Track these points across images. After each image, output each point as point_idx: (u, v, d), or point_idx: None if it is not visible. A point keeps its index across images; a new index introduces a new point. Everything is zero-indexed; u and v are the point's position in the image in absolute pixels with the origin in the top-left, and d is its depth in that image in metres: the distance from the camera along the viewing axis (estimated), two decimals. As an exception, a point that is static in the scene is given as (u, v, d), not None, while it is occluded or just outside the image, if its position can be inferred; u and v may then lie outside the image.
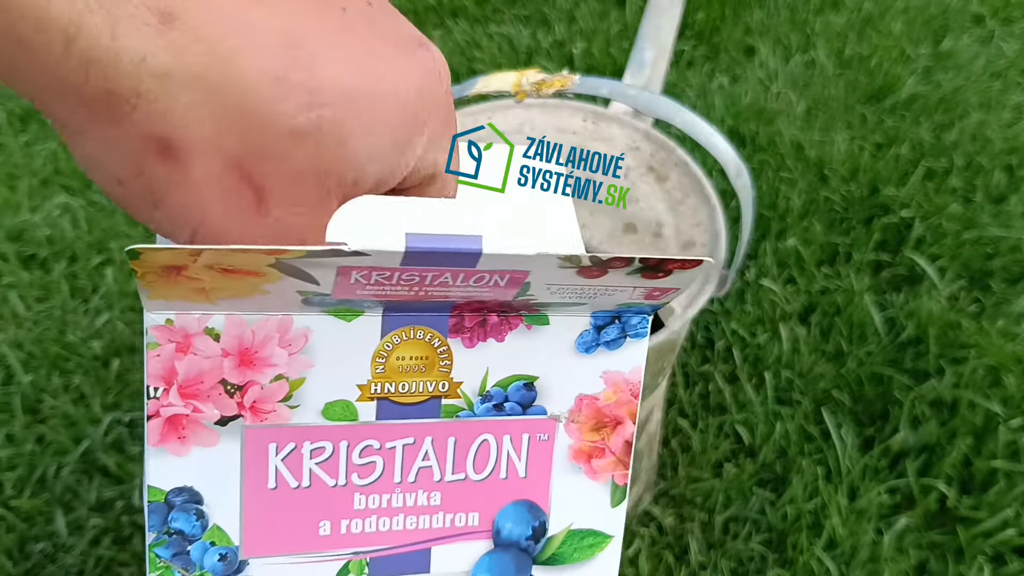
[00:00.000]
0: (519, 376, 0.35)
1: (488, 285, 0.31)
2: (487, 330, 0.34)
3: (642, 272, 0.31)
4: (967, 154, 1.24)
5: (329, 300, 0.31)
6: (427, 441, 0.34)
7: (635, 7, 1.51)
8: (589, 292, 0.32)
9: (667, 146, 0.74)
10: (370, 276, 0.30)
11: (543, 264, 0.30)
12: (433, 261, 0.29)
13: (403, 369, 0.33)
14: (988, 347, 0.99)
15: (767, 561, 0.86)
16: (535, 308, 0.33)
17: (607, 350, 0.35)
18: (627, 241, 0.67)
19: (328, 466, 0.33)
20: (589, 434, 0.36)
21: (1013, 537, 0.85)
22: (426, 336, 0.33)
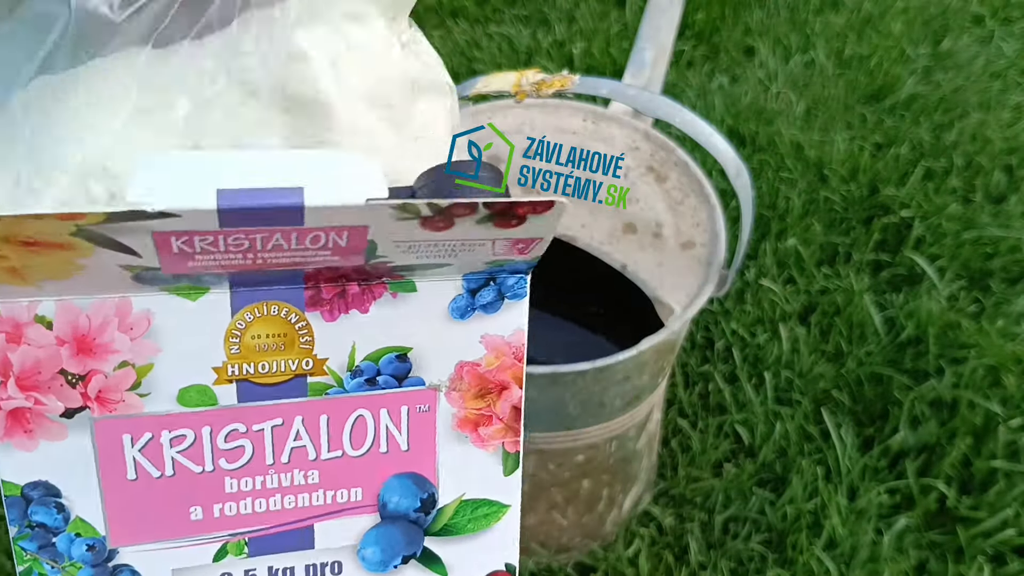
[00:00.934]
0: (390, 348, 0.33)
1: (328, 247, 0.29)
2: (348, 301, 0.32)
3: (492, 220, 0.29)
4: (967, 154, 1.24)
5: (163, 276, 0.29)
6: (297, 421, 0.32)
7: (635, 7, 1.51)
8: (447, 249, 0.30)
9: (667, 146, 0.74)
10: (193, 243, 0.28)
11: (378, 216, 0.28)
12: (253, 220, 0.27)
13: (260, 348, 0.31)
14: (988, 347, 0.99)
15: (767, 561, 0.86)
16: (398, 274, 0.31)
17: (484, 314, 0.33)
18: (627, 241, 0.67)
19: (192, 454, 0.32)
20: (473, 401, 0.34)
21: (1013, 537, 0.85)
22: (281, 311, 0.31)
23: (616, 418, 0.71)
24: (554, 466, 0.74)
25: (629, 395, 0.69)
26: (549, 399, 0.65)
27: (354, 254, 0.30)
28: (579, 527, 0.83)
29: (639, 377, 0.67)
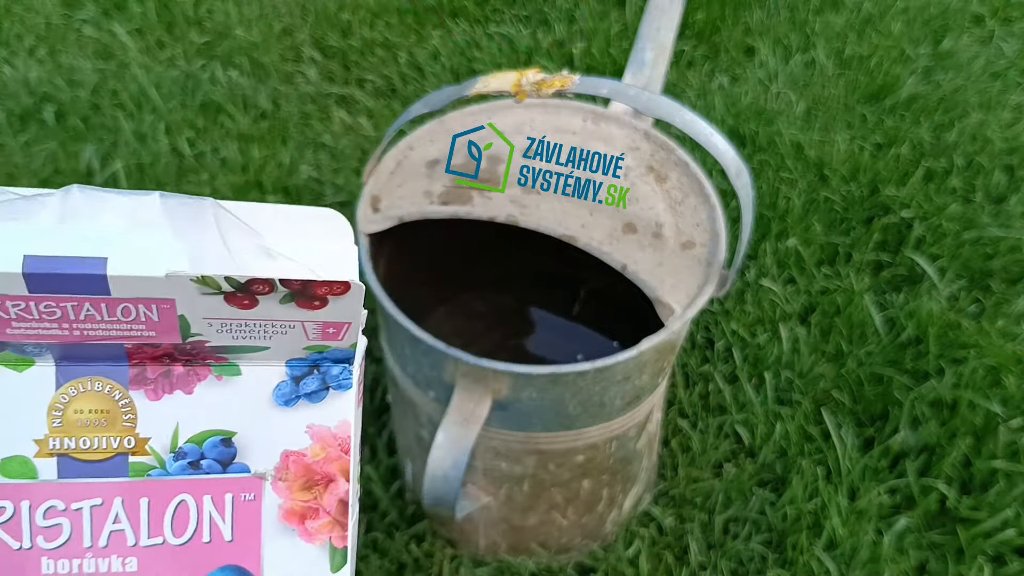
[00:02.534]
0: (214, 431, 0.33)
1: (141, 320, 0.29)
2: (172, 382, 0.32)
3: (294, 299, 0.30)
4: (967, 154, 1.24)
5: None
6: (117, 502, 0.32)
7: (635, 7, 1.51)
8: (259, 330, 0.31)
9: (667, 146, 0.74)
10: (6, 307, 0.28)
11: (182, 289, 0.28)
12: (60, 286, 0.28)
13: (83, 423, 0.32)
14: (988, 347, 0.99)
15: (767, 561, 0.85)
16: (220, 356, 0.32)
17: (309, 403, 0.33)
18: (627, 240, 0.67)
19: (10, 527, 0.31)
20: (300, 493, 0.34)
21: (1013, 537, 0.85)
22: (105, 388, 0.32)
23: (616, 418, 0.71)
24: (554, 466, 0.73)
25: (629, 395, 0.69)
26: (549, 399, 0.65)
27: (168, 330, 0.30)
28: (579, 527, 0.83)
29: (639, 377, 0.67)
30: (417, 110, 0.65)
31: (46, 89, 1.36)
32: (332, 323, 0.31)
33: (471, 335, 0.85)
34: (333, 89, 1.38)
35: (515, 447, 0.71)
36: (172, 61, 1.43)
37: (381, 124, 1.32)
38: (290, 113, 1.34)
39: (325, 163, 1.26)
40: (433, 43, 1.44)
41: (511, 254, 0.83)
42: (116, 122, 1.31)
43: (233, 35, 1.46)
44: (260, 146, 1.28)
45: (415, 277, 0.82)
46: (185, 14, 1.50)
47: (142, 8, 1.51)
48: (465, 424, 0.62)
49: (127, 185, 1.21)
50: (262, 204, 0.31)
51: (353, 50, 1.44)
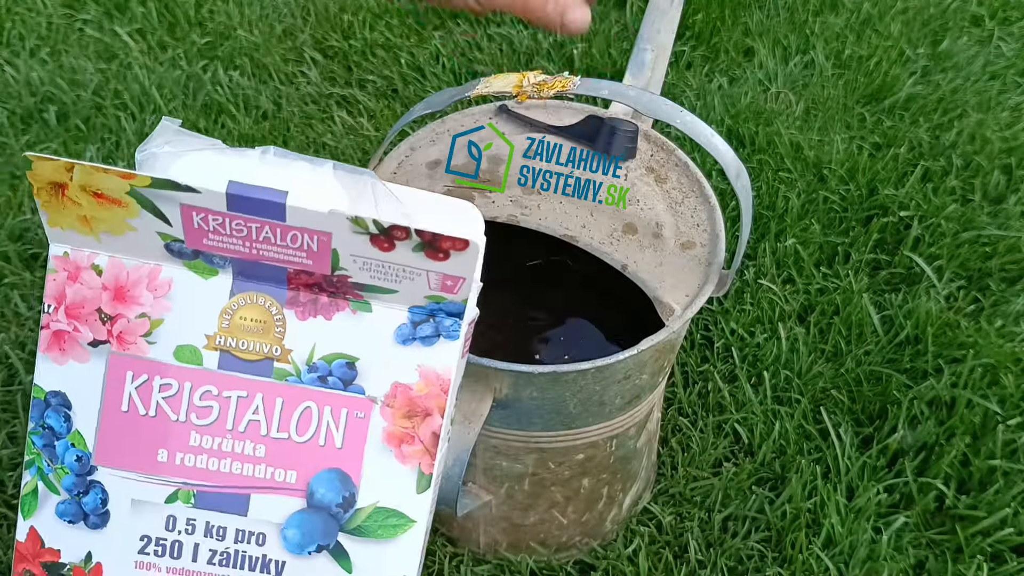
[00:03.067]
0: (342, 355, 0.38)
1: (303, 249, 0.36)
2: (318, 308, 0.38)
3: (424, 249, 0.36)
4: (965, 154, 1.25)
5: (186, 251, 0.37)
6: (258, 397, 0.38)
7: (635, 8, 1.51)
8: (392, 273, 0.37)
9: (667, 147, 0.74)
10: (207, 220, 0.36)
11: (338, 225, 0.35)
12: (250, 207, 0.35)
13: (245, 328, 0.38)
14: (986, 347, 0.99)
15: (766, 559, 0.86)
16: (358, 293, 0.38)
17: (422, 345, 0.39)
18: (627, 241, 0.67)
19: (173, 402, 0.38)
20: (401, 420, 0.39)
21: (1011, 536, 0.85)
22: (266, 303, 0.38)
23: (616, 417, 0.71)
24: (554, 465, 0.74)
25: (629, 394, 0.69)
26: (550, 398, 0.65)
27: (322, 261, 0.37)
28: (579, 525, 0.83)
29: (639, 376, 0.68)
30: (418, 111, 0.65)
31: (48, 90, 1.36)
32: (451, 276, 0.37)
33: (471, 335, 0.86)
34: (334, 90, 1.39)
35: (515, 446, 0.71)
36: (174, 62, 1.43)
37: (382, 125, 1.32)
38: (291, 114, 1.34)
39: (326, 163, 1.26)
40: (434, 43, 1.45)
41: (511, 254, 0.83)
42: (118, 123, 1.31)
43: (235, 36, 1.46)
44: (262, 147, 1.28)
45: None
46: (187, 15, 1.51)
47: (144, 9, 1.52)
48: (466, 423, 0.62)
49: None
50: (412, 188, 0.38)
51: (354, 51, 1.45)
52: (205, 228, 0.36)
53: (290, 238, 0.36)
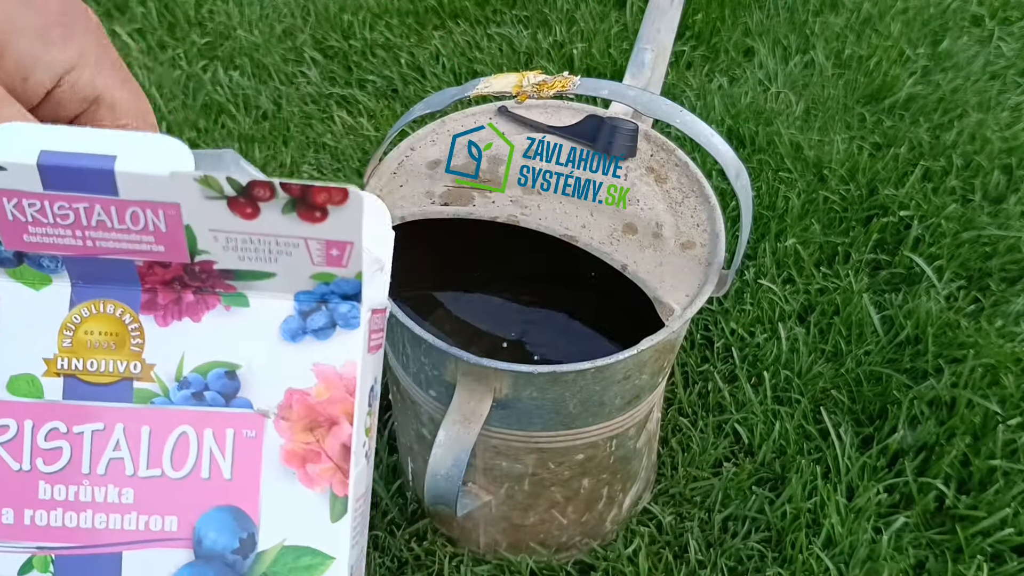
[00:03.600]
0: (220, 363, 0.32)
1: (149, 231, 0.29)
2: (182, 309, 0.31)
3: (295, 208, 0.29)
4: (965, 154, 1.25)
5: (7, 254, 0.30)
6: (118, 428, 0.31)
7: (635, 8, 1.51)
8: (264, 249, 0.30)
9: (667, 147, 0.74)
10: (23, 207, 0.29)
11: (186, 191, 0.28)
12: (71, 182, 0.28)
13: (92, 345, 0.31)
14: (986, 347, 0.99)
15: (766, 560, 0.86)
16: (229, 285, 0.31)
17: (316, 339, 0.32)
18: (627, 241, 0.67)
19: (12, 447, 0.31)
20: (302, 434, 0.32)
21: (1012, 536, 0.85)
22: (116, 311, 0.31)
23: (616, 417, 0.71)
24: (554, 465, 0.74)
25: (629, 394, 0.69)
26: (550, 398, 0.65)
27: (176, 244, 0.30)
28: (579, 526, 0.83)
29: (639, 376, 0.68)
30: (418, 111, 0.65)
31: (48, 90, 1.36)
32: (334, 242, 0.30)
33: (471, 334, 0.86)
34: (334, 90, 1.39)
35: (515, 446, 0.71)
36: (174, 62, 1.43)
37: (382, 125, 1.32)
38: (291, 114, 1.34)
39: (326, 164, 1.27)
40: (434, 44, 1.45)
41: (511, 254, 0.83)
42: (118, 123, 1.31)
43: (235, 36, 1.46)
44: (261, 147, 1.28)
45: (416, 277, 0.83)
46: (187, 15, 1.51)
47: (144, 9, 1.52)
48: (466, 423, 0.62)
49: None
50: None
51: (354, 51, 1.45)
52: (22, 219, 0.29)
53: (129, 217, 0.29)
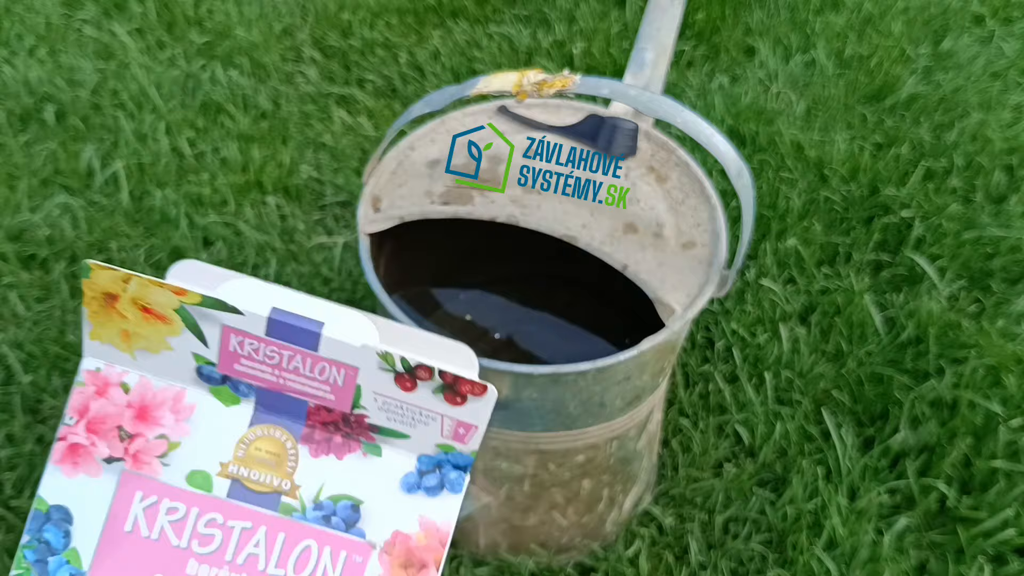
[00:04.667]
0: (349, 496, 0.39)
1: (329, 383, 0.38)
2: (331, 446, 0.39)
3: (444, 392, 0.37)
4: (967, 154, 1.24)
5: (215, 375, 0.38)
6: (262, 530, 0.38)
7: (635, 7, 1.51)
8: (410, 416, 0.38)
9: (668, 146, 0.74)
10: (244, 344, 0.37)
11: (367, 360, 0.36)
12: (286, 334, 0.37)
13: (258, 459, 0.39)
14: (988, 347, 0.99)
15: (767, 561, 0.86)
16: (372, 435, 0.39)
17: (426, 495, 0.39)
18: (627, 241, 0.67)
19: (177, 526, 0.38)
20: (398, 569, 0.39)
21: (1013, 537, 0.85)
22: (282, 436, 0.39)
23: (617, 418, 0.71)
24: (554, 466, 0.74)
25: (630, 395, 0.69)
26: (550, 399, 0.65)
27: (345, 397, 0.38)
28: (579, 527, 0.83)
29: (640, 377, 0.67)
30: (418, 110, 0.65)
31: (46, 89, 1.36)
32: (464, 423, 0.38)
33: (471, 335, 0.85)
34: (333, 89, 1.38)
35: (516, 447, 0.71)
36: (172, 61, 1.43)
37: (381, 124, 1.32)
38: (290, 113, 1.34)
39: (325, 163, 1.26)
40: (434, 43, 1.45)
41: (511, 254, 0.83)
42: (116, 122, 1.31)
43: (233, 35, 1.46)
44: (260, 146, 1.28)
45: (416, 277, 0.82)
46: (185, 14, 1.51)
47: (142, 8, 1.51)
48: (466, 424, 0.62)
49: (128, 184, 1.21)
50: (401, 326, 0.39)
51: (353, 50, 1.44)
52: (240, 353, 0.38)
53: (319, 370, 0.37)
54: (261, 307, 0.37)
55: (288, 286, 1.08)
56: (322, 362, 0.37)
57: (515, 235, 0.71)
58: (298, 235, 1.16)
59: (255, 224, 1.17)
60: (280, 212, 1.19)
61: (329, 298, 1.12)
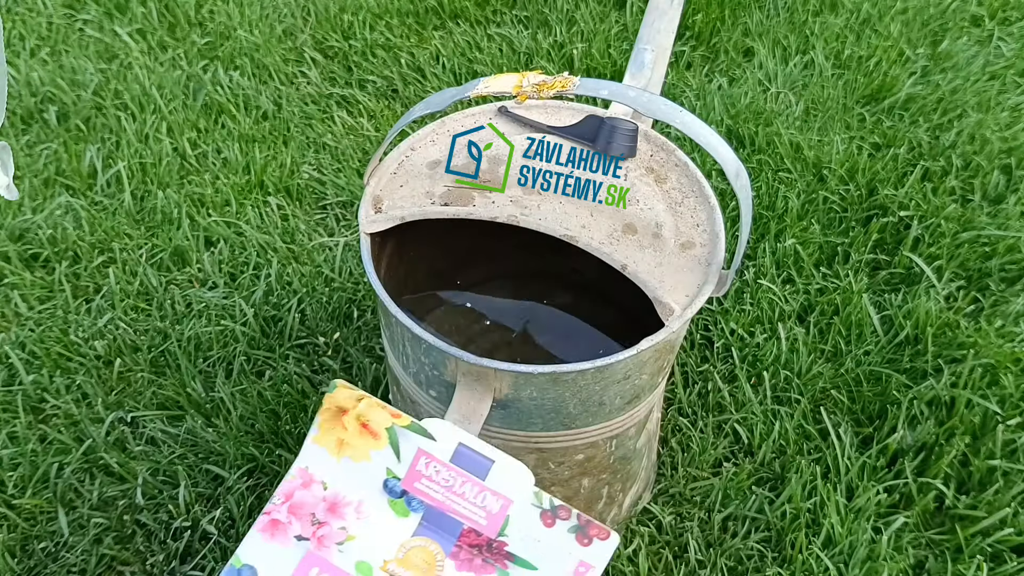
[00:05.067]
0: None
1: (485, 508, 0.46)
2: (471, 565, 0.46)
3: (576, 532, 0.45)
4: (965, 155, 1.25)
5: (398, 489, 0.47)
6: None
7: (635, 9, 1.51)
8: (543, 550, 0.46)
9: (667, 147, 0.74)
10: (429, 466, 0.47)
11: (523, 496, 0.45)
12: (464, 463, 0.47)
13: (413, 563, 0.46)
14: (986, 347, 0.99)
15: (765, 559, 0.86)
16: (506, 563, 0.46)
17: None
18: (627, 241, 0.67)
19: None
20: None
21: (1011, 536, 0.85)
22: (434, 549, 0.47)
23: (616, 417, 0.71)
24: (554, 465, 0.74)
25: (629, 394, 0.69)
26: (549, 398, 0.65)
27: (495, 523, 0.46)
28: (579, 525, 0.83)
29: (639, 376, 0.68)
30: (419, 111, 0.66)
31: (48, 90, 1.36)
32: (586, 563, 0.45)
33: (471, 335, 0.86)
34: (335, 90, 1.39)
35: (515, 445, 0.71)
36: (174, 62, 1.43)
37: (382, 125, 1.32)
38: (292, 114, 1.34)
39: (327, 164, 1.27)
40: (434, 44, 1.45)
41: (512, 254, 0.83)
42: (119, 123, 1.31)
43: (235, 36, 1.47)
44: (262, 147, 1.28)
45: (416, 276, 0.83)
46: (187, 15, 1.51)
47: (144, 9, 1.52)
48: (466, 423, 0.62)
49: (130, 185, 1.22)
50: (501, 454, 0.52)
51: (354, 51, 1.45)
52: (423, 473, 0.47)
53: (482, 497, 0.46)
54: (452, 440, 0.47)
55: (290, 286, 1.08)
56: (486, 490, 0.46)
57: (515, 235, 0.71)
58: (300, 235, 1.17)
59: (257, 224, 1.17)
60: (282, 212, 1.20)
61: (330, 298, 1.12)
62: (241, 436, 0.94)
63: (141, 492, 0.90)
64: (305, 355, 1.02)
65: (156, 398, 0.98)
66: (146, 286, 1.10)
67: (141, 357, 1.02)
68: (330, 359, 1.01)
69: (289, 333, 1.04)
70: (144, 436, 0.95)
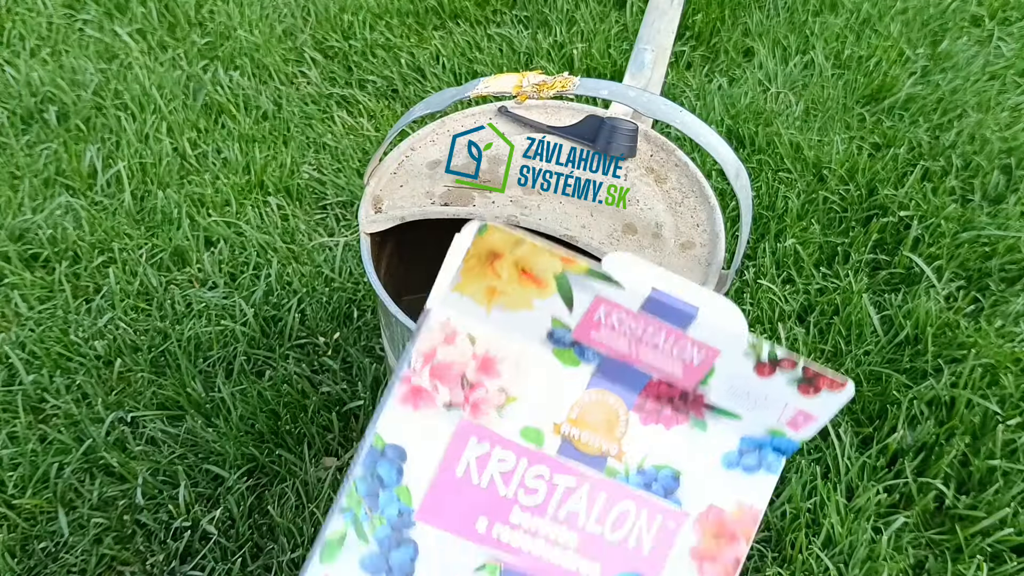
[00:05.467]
0: (670, 466, 0.40)
1: (685, 361, 0.38)
2: (660, 417, 0.40)
3: (799, 383, 0.37)
4: (965, 155, 1.25)
5: (567, 339, 0.39)
6: (584, 488, 0.39)
7: (635, 9, 1.51)
8: (753, 400, 0.39)
9: (667, 147, 0.74)
10: (611, 316, 0.38)
11: (733, 347, 0.37)
12: (660, 312, 0.37)
13: (591, 422, 0.40)
14: (986, 347, 0.99)
15: (766, 559, 0.86)
16: (702, 412, 0.40)
17: (744, 473, 0.40)
18: (627, 241, 0.68)
19: (506, 476, 0.39)
20: (709, 539, 0.40)
21: (1011, 536, 0.85)
22: (615, 403, 0.40)
23: (616, 417, 0.71)
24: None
25: (629, 394, 0.69)
26: (549, 398, 0.65)
27: (695, 376, 0.39)
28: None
29: (639, 376, 0.68)
30: (419, 112, 0.66)
31: (48, 90, 1.36)
32: (807, 413, 0.38)
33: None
34: (335, 90, 1.39)
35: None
36: (174, 62, 1.43)
37: (382, 125, 1.32)
38: (292, 114, 1.34)
39: (327, 164, 1.27)
40: (434, 44, 1.45)
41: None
42: (119, 123, 1.31)
43: (235, 37, 1.47)
44: (262, 147, 1.28)
45: (416, 276, 0.83)
46: (187, 15, 1.51)
47: (144, 9, 1.52)
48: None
49: (130, 185, 1.22)
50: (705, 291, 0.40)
51: (354, 51, 1.45)
52: (602, 322, 0.38)
53: (679, 348, 0.38)
54: (643, 285, 0.37)
55: (290, 286, 1.08)
56: (687, 341, 0.37)
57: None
58: (299, 235, 1.17)
59: (257, 224, 1.17)
60: (282, 212, 1.20)
61: (330, 298, 1.12)
62: (241, 436, 0.94)
63: (141, 492, 0.90)
64: (305, 355, 1.03)
65: (156, 398, 0.98)
66: (146, 286, 1.10)
67: (141, 357, 1.02)
68: (330, 359, 1.01)
69: (289, 333, 1.04)
70: (144, 436, 0.95)
